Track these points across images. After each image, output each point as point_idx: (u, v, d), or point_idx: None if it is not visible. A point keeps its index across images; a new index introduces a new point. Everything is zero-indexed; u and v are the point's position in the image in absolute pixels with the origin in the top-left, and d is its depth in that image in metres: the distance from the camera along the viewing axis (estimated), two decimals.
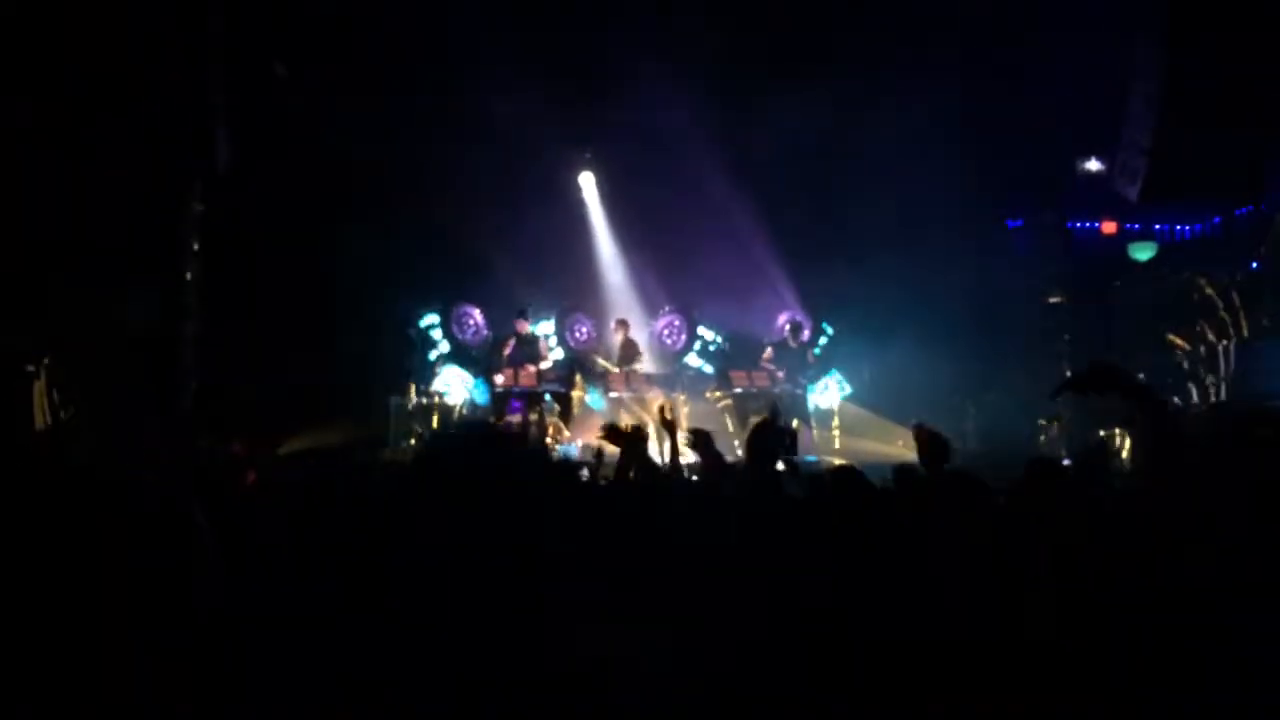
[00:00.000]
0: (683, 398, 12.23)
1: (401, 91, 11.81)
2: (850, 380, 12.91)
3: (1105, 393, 2.24)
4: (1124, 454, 10.81)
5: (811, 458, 10.52)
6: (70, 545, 1.40)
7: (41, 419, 8.21)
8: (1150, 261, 13.76)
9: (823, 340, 13.52)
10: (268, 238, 11.59)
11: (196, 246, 11.37)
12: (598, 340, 13.72)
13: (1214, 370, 11.92)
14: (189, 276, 11.27)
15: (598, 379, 12.67)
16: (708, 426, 4.39)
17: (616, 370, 12.60)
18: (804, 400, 12.18)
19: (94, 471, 1.49)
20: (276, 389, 10.90)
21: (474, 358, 12.91)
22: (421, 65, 11.47)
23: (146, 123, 9.43)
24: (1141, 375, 12.72)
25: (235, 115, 10.77)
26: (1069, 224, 14.13)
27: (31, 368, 8.26)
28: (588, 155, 13.81)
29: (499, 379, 11.72)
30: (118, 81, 9.00)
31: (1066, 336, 13.60)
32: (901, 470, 3.28)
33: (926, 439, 2.73)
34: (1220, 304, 12.52)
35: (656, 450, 7.22)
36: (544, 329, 13.11)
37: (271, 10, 11.00)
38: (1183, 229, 13.98)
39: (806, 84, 11.49)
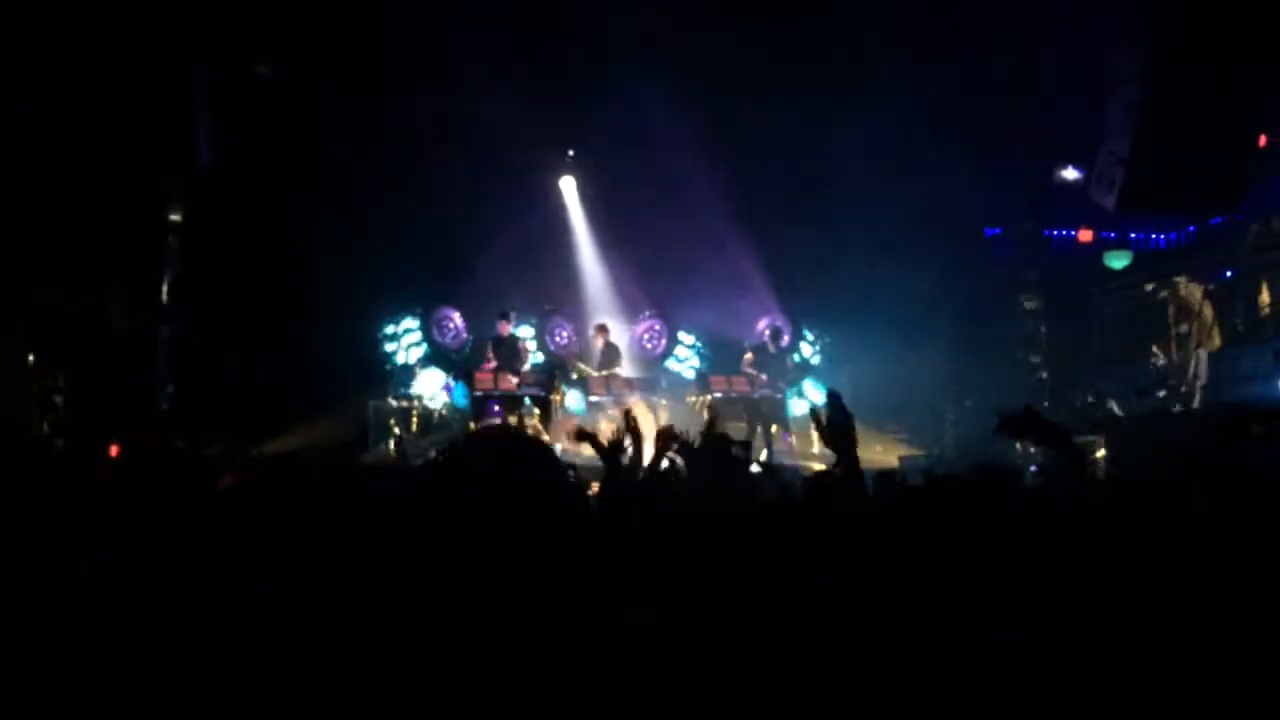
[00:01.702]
0: (663, 402, 12.25)
1: (383, 93, 11.78)
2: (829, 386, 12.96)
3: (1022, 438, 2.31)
4: (1099, 460, 10.90)
5: (792, 463, 10.56)
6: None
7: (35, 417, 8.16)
8: (1126, 269, 13.90)
9: (815, 347, 13.62)
10: (245, 239, 11.54)
11: (175, 247, 11.30)
12: (578, 344, 13.72)
13: (1188, 377, 12.03)
14: (167, 277, 11.21)
15: (577, 383, 12.67)
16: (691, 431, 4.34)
17: (596, 375, 12.59)
18: (783, 405, 12.22)
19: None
20: (254, 391, 10.85)
21: (453, 361, 12.89)
22: (403, 67, 11.44)
23: (126, 122, 9.35)
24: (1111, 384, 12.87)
25: (216, 115, 10.72)
26: (1046, 232, 14.24)
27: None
28: (569, 157, 13.79)
29: (479, 382, 11.70)
30: (98, 80, 8.93)
31: (1040, 357, 13.69)
32: (883, 477, 3.27)
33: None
34: (1196, 308, 12.67)
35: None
36: (524, 333, 13.10)
37: (252, 10, 10.94)
38: (1158, 238, 14.12)
39: (788, 90, 11.55)
